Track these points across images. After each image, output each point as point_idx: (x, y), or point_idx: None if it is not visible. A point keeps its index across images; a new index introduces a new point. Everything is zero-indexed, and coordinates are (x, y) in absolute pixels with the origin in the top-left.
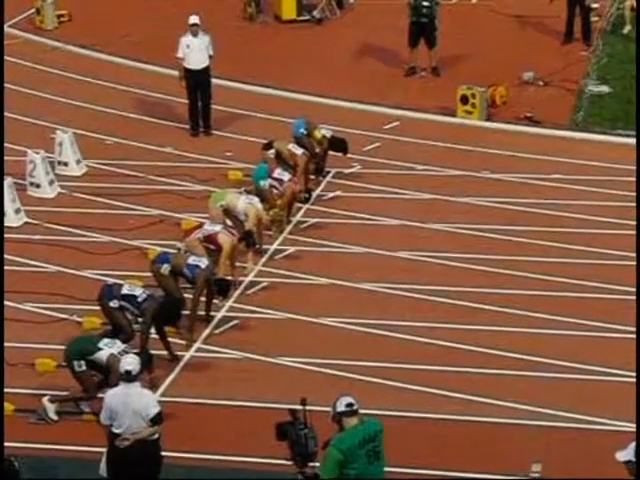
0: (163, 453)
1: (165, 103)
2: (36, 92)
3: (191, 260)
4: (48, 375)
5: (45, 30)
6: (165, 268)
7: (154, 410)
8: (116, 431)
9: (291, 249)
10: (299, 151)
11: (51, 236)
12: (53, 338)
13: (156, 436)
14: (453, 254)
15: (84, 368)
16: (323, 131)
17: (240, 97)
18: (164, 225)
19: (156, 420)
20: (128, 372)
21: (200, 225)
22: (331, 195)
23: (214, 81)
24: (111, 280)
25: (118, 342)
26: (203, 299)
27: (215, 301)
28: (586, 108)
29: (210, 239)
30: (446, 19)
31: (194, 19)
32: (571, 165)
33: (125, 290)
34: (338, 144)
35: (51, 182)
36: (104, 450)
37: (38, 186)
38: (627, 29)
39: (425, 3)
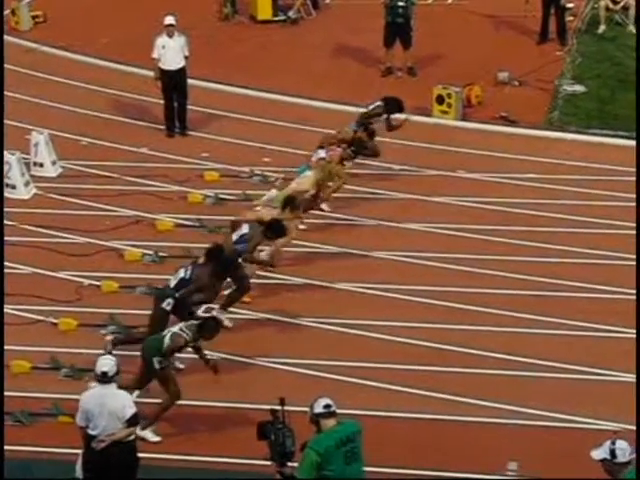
0: (140, 454)
1: (141, 104)
2: (11, 93)
3: (235, 237)
4: (23, 377)
5: (20, 31)
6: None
7: (130, 411)
8: (92, 433)
9: (268, 249)
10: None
11: (26, 237)
12: (28, 340)
13: (132, 437)
14: (430, 254)
15: (162, 365)
16: (370, 107)
17: (216, 98)
18: (140, 226)
19: (132, 421)
20: (104, 373)
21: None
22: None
23: (190, 82)
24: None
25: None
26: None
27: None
28: (561, 107)
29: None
30: (422, 19)
31: (170, 20)
32: (546, 164)
33: (172, 283)
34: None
35: (27, 183)
36: (80, 452)
37: (14, 187)
38: (602, 29)
39: (401, 3)
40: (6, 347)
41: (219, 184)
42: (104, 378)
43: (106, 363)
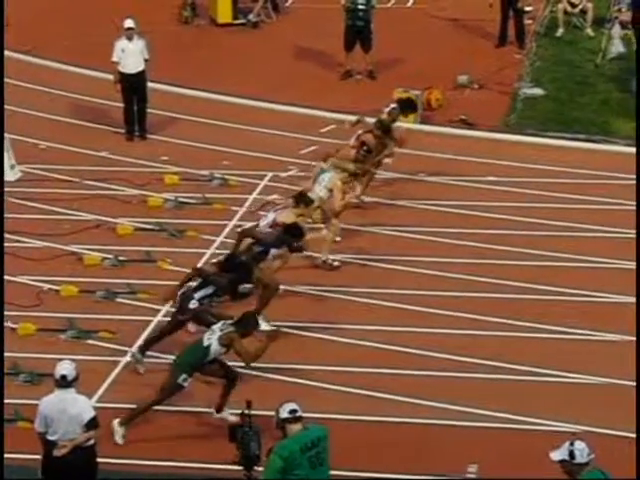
0: (99, 459)
1: (100, 107)
2: None
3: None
4: None
5: None
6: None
7: (89, 415)
8: (51, 438)
9: (226, 253)
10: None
11: None
12: None
13: (92, 442)
14: (387, 256)
15: (186, 384)
16: (387, 110)
17: (176, 101)
18: (100, 230)
19: (91, 425)
20: (63, 377)
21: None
22: (268, 199)
23: (149, 85)
24: None
25: (213, 328)
26: None
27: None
28: (519, 110)
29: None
30: (382, 23)
31: (129, 23)
32: (505, 167)
33: (194, 285)
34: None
35: None
36: (40, 457)
37: None
38: (560, 32)
39: (361, 7)
40: None
41: (179, 187)
42: (63, 382)
43: (65, 367)
